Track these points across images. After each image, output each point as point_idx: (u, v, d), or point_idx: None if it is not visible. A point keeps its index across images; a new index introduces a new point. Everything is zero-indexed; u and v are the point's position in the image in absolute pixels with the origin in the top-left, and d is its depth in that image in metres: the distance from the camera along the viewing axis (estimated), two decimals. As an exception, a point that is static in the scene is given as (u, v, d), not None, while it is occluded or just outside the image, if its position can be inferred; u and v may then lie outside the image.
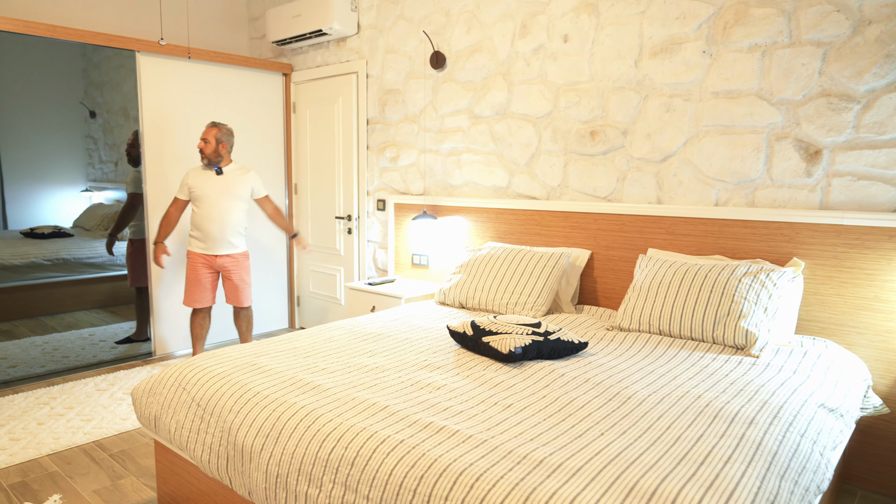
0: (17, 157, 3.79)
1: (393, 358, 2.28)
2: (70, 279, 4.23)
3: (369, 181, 4.35)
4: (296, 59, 4.81)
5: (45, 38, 3.67)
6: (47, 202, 3.98)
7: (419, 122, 3.96)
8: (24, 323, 4.10)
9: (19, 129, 3.77)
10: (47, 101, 3.88)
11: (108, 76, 4.07)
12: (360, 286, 3.77)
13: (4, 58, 3.71)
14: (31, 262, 4.07)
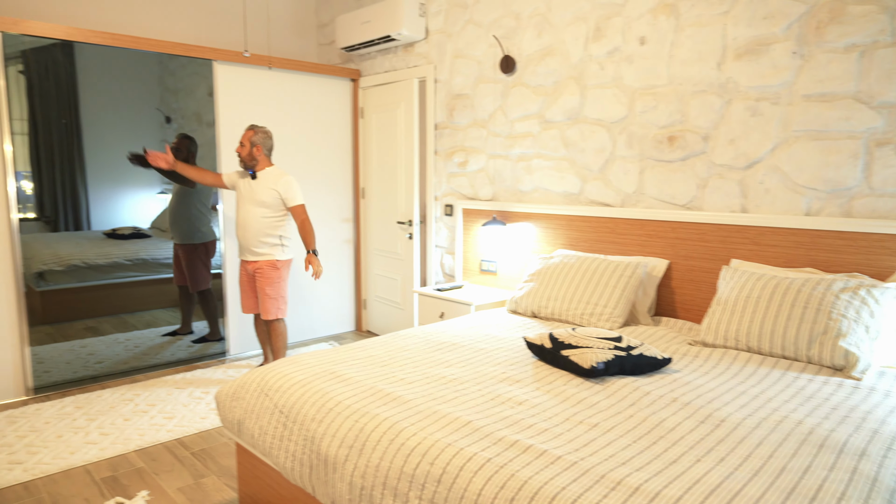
0: (99, 161, 3.97)
1: (470, 369, 2.26)
2: (148, 278, 4.41)
3: (437, 186, 4.35)
4: (363, 65, 4.87)
5: (128, 48, 3.82)
6: (127, 204, 4.14)
7: (488, 127, 3.93)
8: (108, 320, 4.28)
9: (102, 134, 3.95)
10: (127, 107, 4.05)
11: (182, 83, 4.22)
12: (429, 292, 3.78)
13: (90, 68, 3.90)
14: (114, 262, 4.23)
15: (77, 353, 4.02)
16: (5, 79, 3.42)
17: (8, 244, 3.50)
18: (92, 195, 4.00)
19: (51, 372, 3.79)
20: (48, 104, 3.75)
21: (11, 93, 3.54)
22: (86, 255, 4.12)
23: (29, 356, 3.62)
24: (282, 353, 3.81)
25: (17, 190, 3.56)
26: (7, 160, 3.44)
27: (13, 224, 3.49)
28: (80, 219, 4.02)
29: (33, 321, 3.79)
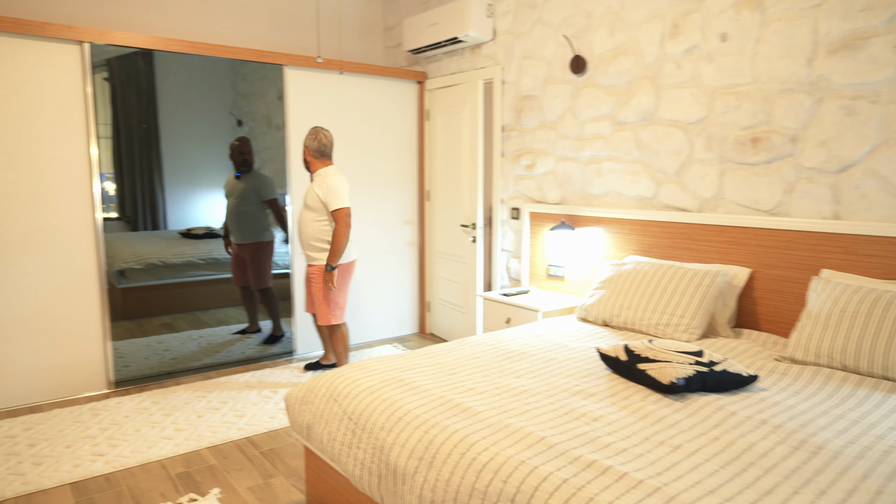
0: (175, 162, 4.11)
1: (540, 380, 2.20)
2: (220, 277, 4.54)
3: (503, 189, 4.29)
4: (430, 67, 4.86)
5: (204, 55, 3.94)
6: (200, 205, 4.27)
7: (557, 129, 3.84)
8: (182, 317, 4.43)
9: (178, 138, 4.09)
10: (201, 112, 4.17)
11: (253, 87, 4.31)
12: (494, 297, 3.72)
13: (169, 75, 4.04)
14: (188, 261, 4.37)
15: (154, 349, 4.18)
16: (92, 86, 3.58)
17: (93, 243, 3.66)
18: (169, 196, 4.15)
19: (130, 367, 3.95)
20: (130, 110, 3.91)
21: (99, 99, 3.71)
22: (162, 253, 4.26)
23: (111, 351, 3.78)
24: (343, 357, 3.82)
25: (101, 191, 3.73)
26: (93, 163, 3.61)
27: (98, 224, 3.66)
28: (157, 219, 4.19)
29: (115, 317, 3.97)
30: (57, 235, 3.54)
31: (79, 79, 3.53)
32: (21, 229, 3.43)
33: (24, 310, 3.47)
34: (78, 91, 3.53)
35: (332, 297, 3.65)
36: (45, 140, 3.47)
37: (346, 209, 3.52)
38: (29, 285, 3.48)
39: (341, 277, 3.67)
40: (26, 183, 3.43)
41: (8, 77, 3.34)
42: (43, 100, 3.44)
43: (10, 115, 3.36)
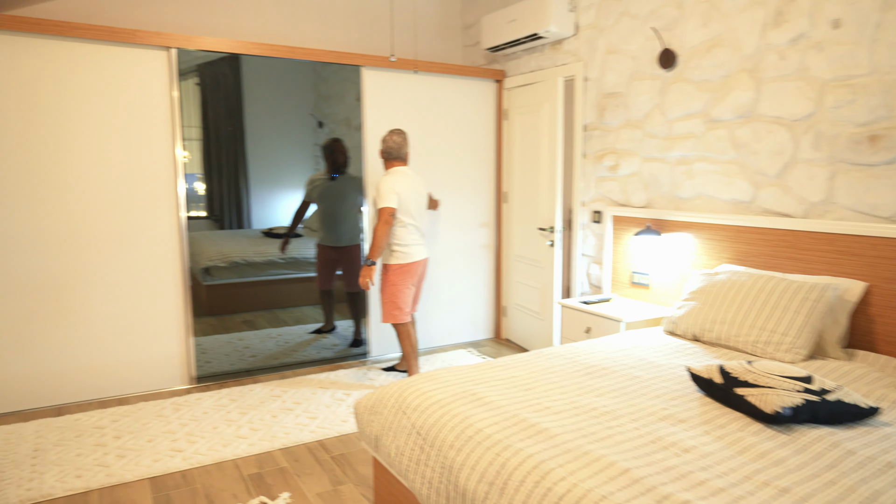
0: (259, 163, 4.20)
1: (624, 401, 2.02)
2: (299, 276, 4.59)
3: (584, 191, 4.09)
4: (508, 65, 4.72)
5: (284, 58, 3.99)
6: (282, 205, 4.33)
7: (643, 128, 3.61)
8: (262, 314, 4.52)
9: (262, 139, 4.18)
10: (284, 113, 4.24)
11: (334, 89, 4.33)
12: (573, 304, 3.55)
13: (254, 78, 4.12)
14: (269, 260, 4.45)
15: (234, 346, 4.28)
16: (178, 91, 3.68)
17: (178, 242, 3.78)
18: (253, 196, 4.25)
19: (212, 363, 4.05)
20: (219, 113, 4.03)
21: (190, 103, 3.83)
22: (245, 252, 4.36)
23: (193, 346, 3.89)
24: (410, 356, 3.79)
25: (187, 191, 3.85)
26: (178, 164, 3.71)
27: (182, 223, 3.76)
28: (242, 218, 4.29)
29: (200, 313, 4.10)
30: (144, 234, 3.67)
31: (166, 83, 3.64)
32: (111, 229, 3.58)
33: (115, 305, 3.62)
34: (165, 95, 3.65)
35: (389, 296, 3.68)
36: (134, 142, 3.60)
37: (386, 209, 3.53)
38: (118, 282, 3.63)
39: (399, 277, 3.68)
40: (116, 184, 3.57)
41: (100, 82, 3.48)
42: (133, 104, 3.58)
43: (102, 119, 3.51)
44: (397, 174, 3.65)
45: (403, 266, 3.68)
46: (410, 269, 3.70)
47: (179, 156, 3.72)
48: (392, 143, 3.68)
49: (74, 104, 3.42)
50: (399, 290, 3.69)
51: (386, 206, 3.54)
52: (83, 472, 2.71)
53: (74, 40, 3.39)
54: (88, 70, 3.44)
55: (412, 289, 3.75)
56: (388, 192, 3.56)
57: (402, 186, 3.61)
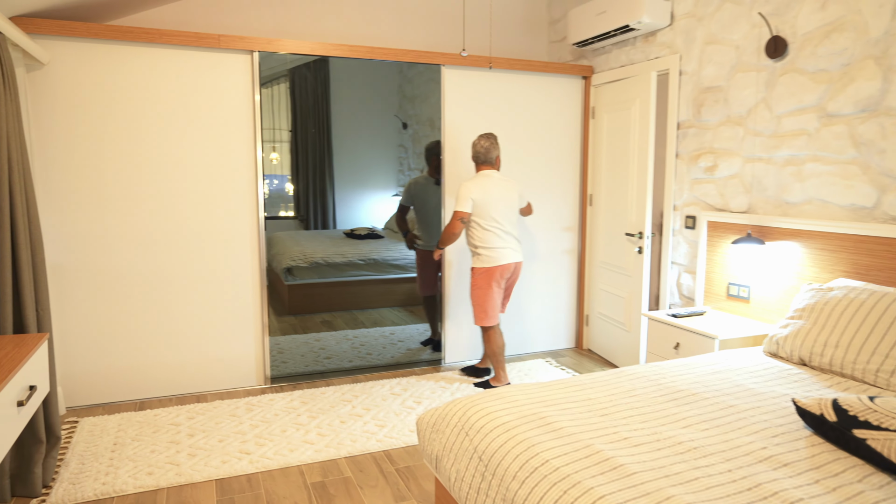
0: (345, 164, 4.20)
1: (715, 435, 1.77)
2: (378, 278, 4.56)
3: (677, 194, 3.77)
4: (597, 61, 4.46)
5: (366, 59, 3.94)
6: (365, 205, 4.32)
7: (745, 125, 3.26)
8: (341, 315, 4.53)
9: (348, 140, 4.18)
10: (369, 115, 4.23)
11: (418, 90, 4.25)
12: (661, 317, 3.26)
13: (340, 80, 4.12)
14: (349, 261, 4.45)
15: (311, 347, 4.29)
16: (260, 94, 3.71)
17: (256, 242, 3.81)
18: (338, 197, 4.27)
19: (287, 363, 4.07)
20: (306, 115, 4.07)
21: (282, 106, 3.89)
22: (326, 252, 4.38)
23: (269, 346, 3.91)
24: (497, 359, 3.77)
25: (273, 192, 3.89)
26: (259, 166, 3.74)
27: (260, 224, 3.79)
28: (327, 218, 4.32)
29: (281, 312, 4.14)
30: (224, 235, 3.73)
31: (248, 86, 3.68)
32: (193, 228, 3.66)
33: (195, 304, 3.70)
34: (247, 98, 3.69)
35: (475, 298, 3.71)
36: (216, 145, 3.66)
37: (457, 213, 3.60)
38: (199, 281, 3.70)
39: (483, 280, 3.68)
40: (199, 185, 3.65)
41: (186, 86, 3.56)
42: (216, 107, 3.64)
43: (188, 122, 3.59)
44: (480, 178, 3.65)
45: (487, 269, 3.66)
46: (494, 273, 3.67)
47: (260, 157, 3.75)
48: (480, 147, 3.69)
49: (163, 108, 3.52)
50: (483, 293, 3.69)
51: (456, 210, 3.61)
52: (155, 470, 2.75)
53: (162, 46, 3.48)
54: (175, 75, 3.53)
55: (498, 291, 3.72)
56: (463, 197, 3.60)
57: (481, 191, 3.60)
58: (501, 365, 3.83)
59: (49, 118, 3.33)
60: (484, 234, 3.64)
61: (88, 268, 3.47)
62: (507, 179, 3.74)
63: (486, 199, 3.60)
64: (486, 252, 3.66)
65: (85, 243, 3.45)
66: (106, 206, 3.47)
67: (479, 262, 3.70)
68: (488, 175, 3.67)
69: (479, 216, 3.63)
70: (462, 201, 3.59)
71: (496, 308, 3.73)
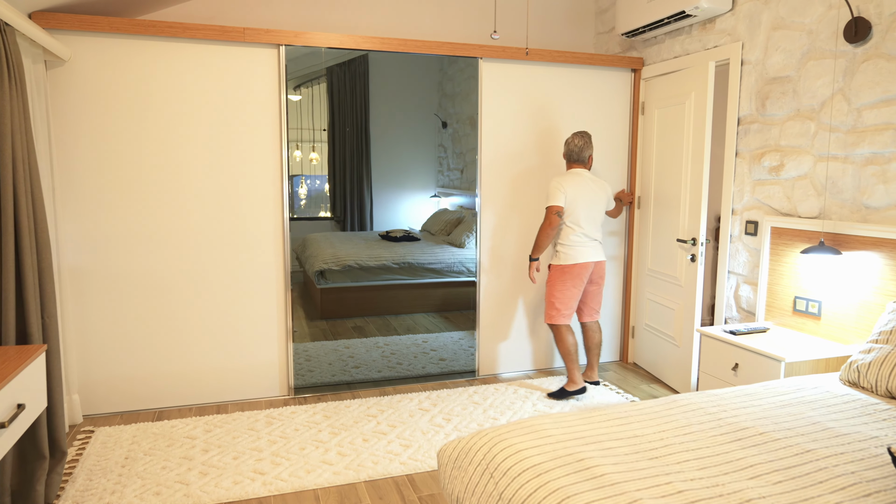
0: (382, 164, 4.06)
1: (792, 491, 1.46)
2: (413, 282, 4.36)
3: (736, 197, 3.41)
4: (647, 52, 4.12)
5: (400, 53, 3.72)
6: (403, 206, 4.17)
7: (818, 119, 2.89)
8: (373, 321, 4.33)
9: (386, 139, 4.03)
10: (408, 113, 4.08)
11: (459, 87, 4.04)
12: (717, 333, 2.92)
13: (379, 78, 3.97)
14: (383, 265, 4.27)
15: (339, 354, 4.10)
16: (286, 89, 3.53)
17: (280, 244, 3.63)
18: (376, 198, 4.13)
19: (314, 371, 3.89)
20: (344, 114, 3.94)
21: (321, 105, 3.82)
22: (360, 255, 4.22)
23: (292, 354, 3.72)
24: (570, 359, 3.66)
25: (310, 192, 3.78)
26: (284, 165, 3.56)
27: (285, 225, 3.61)
28: (364, 220, 4.19)
29: (313, 316, 4.01)
30: (246, 237, 3.56)
31: (274, 81, 3.50)
32: (215, 230, 3.50)
33: (216, 309, 3.54)
34: (273, 93, 3.51)
35: (548, 295, 3.63)
36: (240, 142, 3.49)
37: (552, 207, 3.50)
38: (221, 286, 3.54)
39: (559, 277, 3.59)
40: (221, 184, 3.48)
41: (210, 81, 3.40)
42: (241, 102, 3.47)
43: (211, 119, 3.43)
44: (571, 175, 3.58)
45: (565, 267, 3.58)
46: (572, 272, 3.58)
47: (286, 156, 3.57)
48: (573, 145, 3.61)
49: (186, 106, 3.37)
50: (558, 290, 3.60)
51: (551, 205, 3.51)
52: (163, 489, 2.58)
53: (186, 41, 3.33)
54: (200, 71, 3.37)
55: (575, 291, 3.60)
56: (555, 191, 3.52)
57: (573, 188, 3.53)
58: (575, 366, 3.68)
59: (69, 116, 3.21)
60: (566, 232, 3.57)
61: (109, 271, 3.34)
62: (598, 180, 3.66)
63: (575, 198, 3.53)
64: (564, 250, 3.58)
65: (105, 245, 3.32)
66: (127, 207, 3.34)
67: (557, 259, 3.62)
68: (579, 174, 3.59)
69: (565, 213, 3.55)
70: (554, 195, 3.50)
71: (569, 306, 3.60)
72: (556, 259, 3.62)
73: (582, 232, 3.56)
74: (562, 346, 3.64)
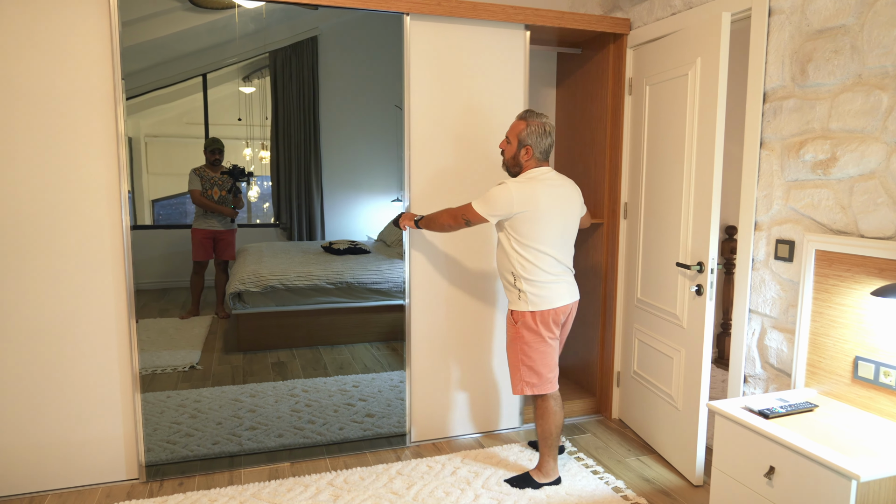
0: (335, 163, 3.45)
1: None
2: (352, 306, 3.55)
3: (762, 205, 2.40)
4: (636, 11, 3.11)
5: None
6: (360, 211, 3.55)
7: (893, 88, 1.89)
8: (302, 354, 3.51)
9: (339, 133, 3.42)
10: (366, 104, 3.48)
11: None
12: (740, 415, 1.90)
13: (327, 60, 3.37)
14: (313, 285, 3.49)
15: (238, 407, 3.28)
16: (118, 39, 2.49)
17: (119, 259, 2.58)
18: (327, 202, 3.52)
19: (193, 437, 2.97)
20: (290, 107, 3.38)
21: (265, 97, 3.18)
22: (285, 274, 3.45)
23: (140, 414, 2.66)
24: (549, 442, 2.60)
25: (129, 196, 2.72)
26: (120, 155, 2.52)
27: (125, 234, 2.56)
28: (313, 227, 3.60)
29: (229, 348, 3.34)
30: (70, 253, 2.51)
31: (105, 31, 2.45)
32: (26, 244, 2.44)
33: (26, 355, 2.50)
34: (103, 45, 2.46)
35: (519, 356, 2.53)
36: (51, 120, 2.45)
37: (473, 212, 2.47)
38: (30, 322, 2.50)
39: (531, 330, 2.50)
40: (25, 184, 2.43)
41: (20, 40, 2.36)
42: (51, 61, 2.42)
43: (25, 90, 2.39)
44: (531, 183, 2.46)
45: (536, 315, 2.49)
46: (546, 319, 2.50)
47: (121, 137, 2.51)
48: (546, 136, 2.51)
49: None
50: (532, 347, 2.51)
51: (474, 206, 2.47)
52: None
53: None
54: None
55: (554, 344, 2.56)
56: (498, 201, 2.44)
57: (530, 202, 2.43)
58: (552, 452, 2.62)
59: None
60: (529, 266, 2.46)
61: None
62: (566, 180, 2.56)
63: (537, 214, 2.42)
64: (533, 289, 2.47)
65: None
66: None
67: (524, 304, 2.50)
68: (543, 178, 2.47)
69: (526, 237, 2.43)
70: (493, 206, 2.42)
71: (551, 366, 2.55)
72: (523, 303, 2.50)
73: (555, 260, 2.48)
74: (544, 424, 2.58)
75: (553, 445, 2.61)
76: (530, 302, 2.47)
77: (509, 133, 2.52)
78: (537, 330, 2.48)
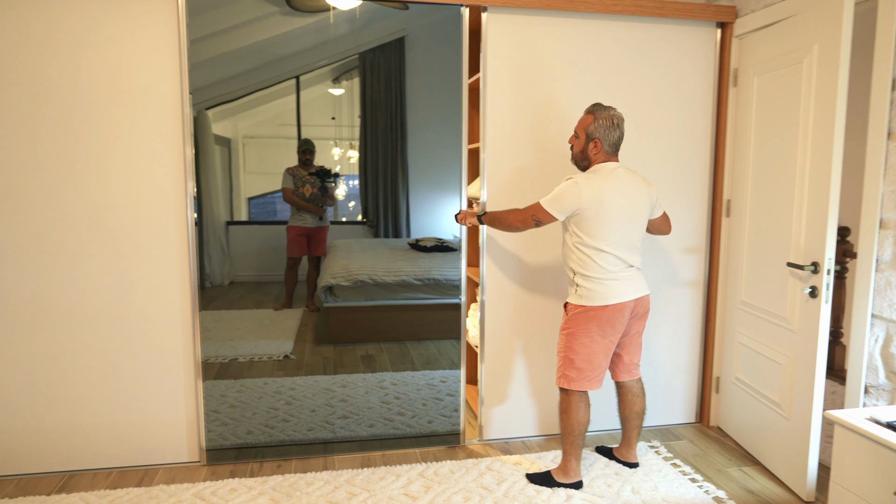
0: (420, 161, 3.43)
1: None
2: (440, 303, 3.54)
3: (888, 202, 2.22)
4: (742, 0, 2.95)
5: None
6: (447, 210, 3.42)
7: None
8: (390, 348, 3.58)
9: (424, 132, 3.39)
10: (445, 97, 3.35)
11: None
12: (865, 426, 1.76)
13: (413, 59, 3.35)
14: (402, 280, 3.55)
15: (330, 397, 3.32)
16: (189, 44, 2.62)
17: (185, 254, 2.73)
18: (412, 199, 3.53)
19: (290, 422, 3.09)
20: (377, 104, 3.40)
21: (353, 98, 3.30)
22: (375, 269, 3.53)
23: (202, 402, 2.79)
24: (571, 440, 2.55)
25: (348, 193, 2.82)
26: (187, 153, 2.65)
27: (190, 230, 2.69)
28: (399, 225, 3.63)
29: (320, 341, 3.41)
30: (134, 246, 2.66)
31: (173, 39, 2.59)
32: (97, 238, 2.62)
33: (98, 343, 2.67)
34: (172, 57, 2.59)
35: (563, 348, 2.52)
36: (124, 131, 2.61)
37: (541, 209, 2.44)
38: (101, 311, 2.67)
39: (580, 323, 2.47)
40: (105, 185, 2.60)
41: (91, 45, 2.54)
42: (122, 67, 2.58)
43: (91, 104, 2.56)
44: (598, 177, 2.43)
45: (590, 311, 2.45)
46: (601, 316, 2.45)
47: (187, 137, 2.64)
48: (616, 128, 2.48)
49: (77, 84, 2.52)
50: (580, 342, 2.48)
51: (542, 205, 2.44)
52: None
53: None
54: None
55: (605, 343, 2.50)
56: (565, 198, 2.41)
57: (594, 198, 2.40)
58: (576, 451, 2.56)
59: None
60: (589, 262, 2.43)
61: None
62: (637, 177, 2.50)
63: (601, 212, 2.38)
64: (589, 284, 2.44)
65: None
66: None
67: (577, 298, 2.48)
68: (610, 173, 2.43)
69: (588, 234, 2.41)
70: (561, 204, 2.40)
71: (596, 366, 2.49)
72: (579, 297, 2.47)
73: (616, 258, 2.43)
74: (567, 420, 2.54)
75: (576, 444, 2.54)
76: (584, 297, 2.43)
77: (577, 127, 2.49)
78: (587, 325, 2.44)
